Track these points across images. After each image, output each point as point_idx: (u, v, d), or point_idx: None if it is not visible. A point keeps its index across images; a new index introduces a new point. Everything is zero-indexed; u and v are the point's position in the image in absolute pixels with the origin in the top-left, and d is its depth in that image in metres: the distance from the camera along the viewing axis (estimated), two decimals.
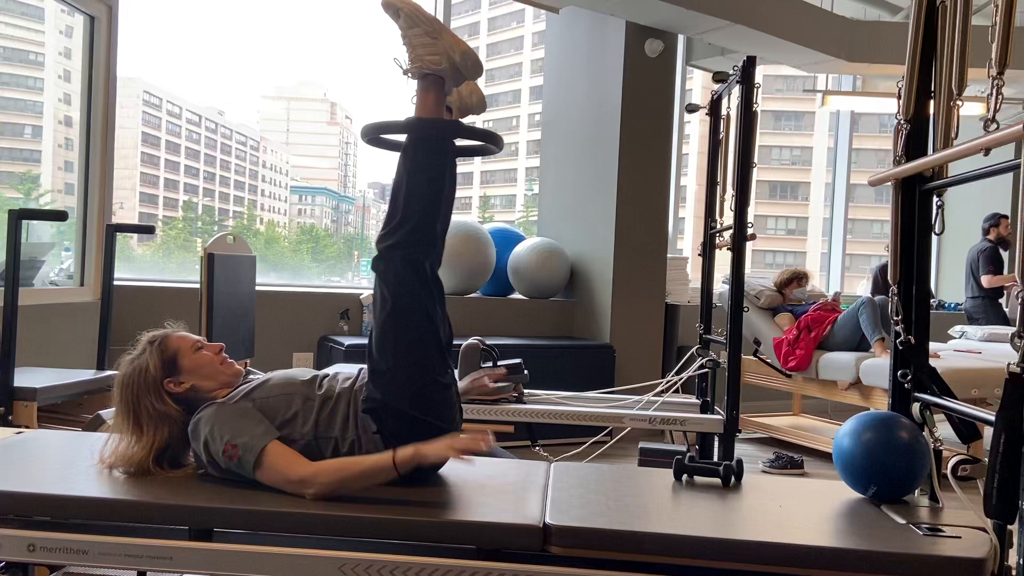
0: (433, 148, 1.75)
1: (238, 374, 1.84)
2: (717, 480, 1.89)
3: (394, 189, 1.74)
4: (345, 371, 1.85)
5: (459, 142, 1.89)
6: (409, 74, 1.79)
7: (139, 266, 5.57)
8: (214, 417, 1.68)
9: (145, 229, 4.17)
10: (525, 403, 3.27)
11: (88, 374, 3.12)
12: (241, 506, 1.56)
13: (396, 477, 1.59)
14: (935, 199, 1.85)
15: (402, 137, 1.82)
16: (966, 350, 4.98)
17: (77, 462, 1.82)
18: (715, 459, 2.89)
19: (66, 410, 3.07)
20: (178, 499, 1.59)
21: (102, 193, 3.93)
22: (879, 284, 5.48)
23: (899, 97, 1.91)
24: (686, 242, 6.73)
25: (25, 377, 2.80)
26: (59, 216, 2.96)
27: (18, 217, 2.75)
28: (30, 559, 1.54)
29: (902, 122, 1.90)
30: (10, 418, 2.64)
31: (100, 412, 2.56)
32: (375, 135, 1.92)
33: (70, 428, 2.83)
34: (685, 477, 1.91)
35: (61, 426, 2.91)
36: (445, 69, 1.75)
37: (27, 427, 2.51)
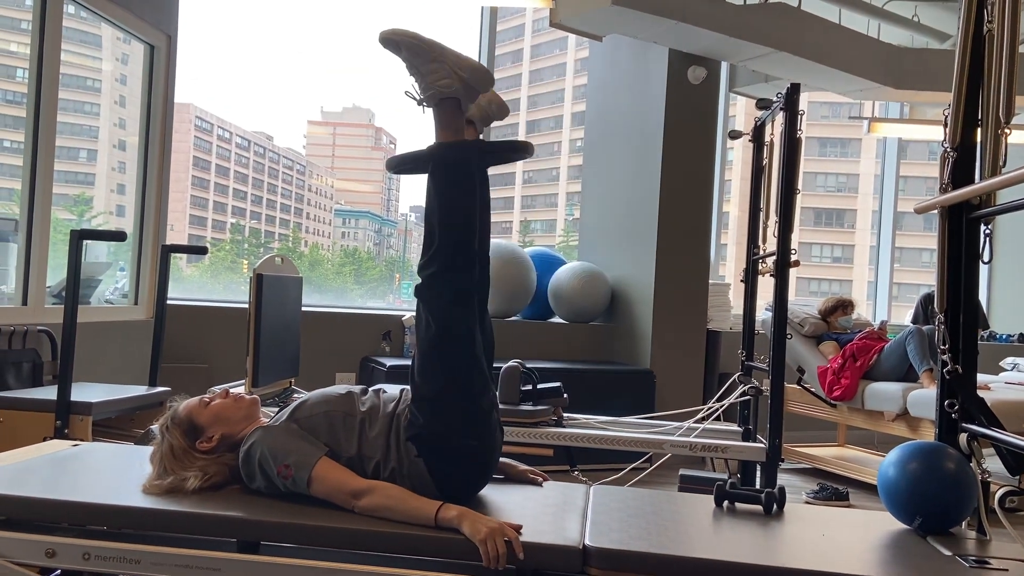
0: (459, 171, 1.75)
1: (254, 403, 1.88)
2: (759, 507, 1.88)
3: (427, 216, 1.74)
4: (390, 391, 1.87)
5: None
6: (425, 103, 1.77)
7: (187, 286, 5.71)
8: (263, 441, 1.72)
9: (198, 250, 4.29)
10: (564, 427, 3.28)
11: (140, 390, 3.21)
12: (288, 520, 1.60)
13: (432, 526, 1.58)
14: (983, 227, 1.83)
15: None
16: (1018, 382, 4.84)
17: (129, 474, 1.88)
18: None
19: (119, 424, 3.17)
20: (227, 512, 1.63)
21: (157, 215, 4.06)
22: (919, 314, 5.34)
23: (945, 125, 1.90)
24: (728, 268, 6.68)
25: (81, 392, 2.90)
26: (118, 236, 3.06)
27: (79, 237, 2.86)
28: (85, 567, 1.59)
29: (949, 150, 1.89)
30: (66, 431, 2.74)
31: (151, 427, 2.63)
32: (399, 167, 1.93)
33: (122, 442, 2.91)
34: (726, 503, 1.90)
35: (114, 440, 3.00)
36: (459, 89, 1.73)
37: (82, 440, 2.59)
